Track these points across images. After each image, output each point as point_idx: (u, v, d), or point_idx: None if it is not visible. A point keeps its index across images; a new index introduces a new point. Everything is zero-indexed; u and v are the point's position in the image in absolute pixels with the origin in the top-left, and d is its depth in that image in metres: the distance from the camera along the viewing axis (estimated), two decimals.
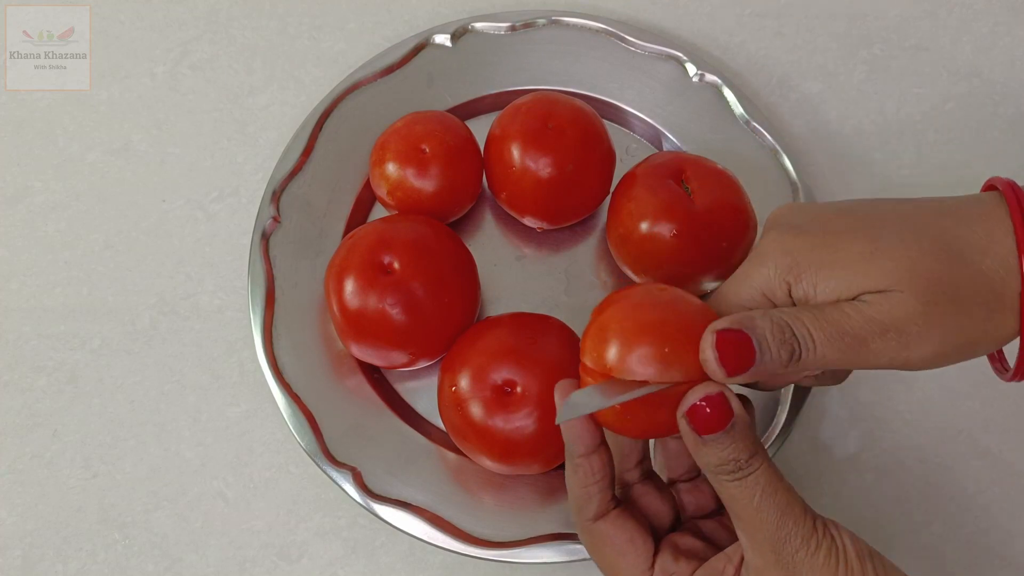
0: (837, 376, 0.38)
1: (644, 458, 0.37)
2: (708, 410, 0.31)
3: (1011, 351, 0.34)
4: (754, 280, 0.33)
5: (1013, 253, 0.31)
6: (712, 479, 0.32)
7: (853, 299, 0.31)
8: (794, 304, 0.33)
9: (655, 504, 0.36)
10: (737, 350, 0.30)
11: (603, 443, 0.34)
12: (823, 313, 0.31)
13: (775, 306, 0.33)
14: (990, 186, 0.34)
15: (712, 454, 0.31)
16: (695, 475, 0.38)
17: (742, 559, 0.33)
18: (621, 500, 0.36)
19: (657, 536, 0.35)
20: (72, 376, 0.49)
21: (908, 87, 0.57)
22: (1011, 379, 0.34)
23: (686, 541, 0.35)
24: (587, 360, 0.33)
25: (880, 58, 0.58)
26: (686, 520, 0.37)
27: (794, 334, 0.31)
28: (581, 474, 0.34)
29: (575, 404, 0.32)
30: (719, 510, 0.37)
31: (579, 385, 0.34)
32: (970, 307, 0.31)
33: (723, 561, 0.33)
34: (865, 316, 0.31)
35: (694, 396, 0.31)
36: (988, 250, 0.31)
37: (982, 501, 0.47)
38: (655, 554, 0.34)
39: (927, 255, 0.31)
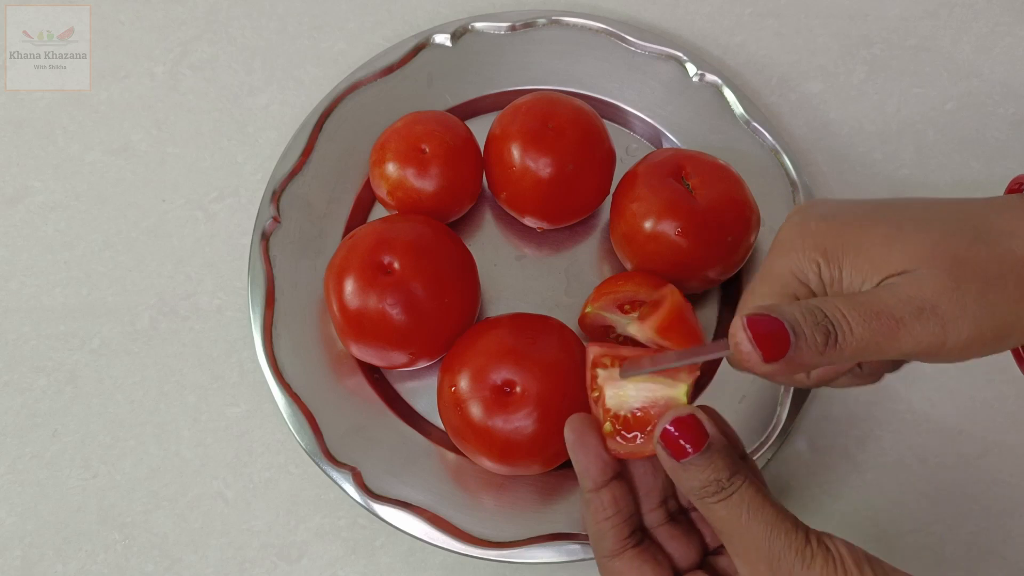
0: (874, 372, 0.37)
1: (668, 498, 0.36)
2: (681, 433, 0.31)
3: None
4: (781, 268, 0.33)
5: None
6: (698, 503, 0.32)
7: (879, 283, 0.31)
8: (824, 287, 0.33)
9: (681, 548, 0.35)
10: (771, 335, 0.29)
11: (615, 479, 0.34)
12: (855, 297, 0.31)
13: (812, 293, 0.33)
14: (1018, 185, 0.34)
15: (692, 477, 0.31)
16: None
17: None
18: (643, 538, 0.35)
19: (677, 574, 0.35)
20: (72, 376, 0.49)
21: (908, 87, 0.57)
22: None
23: None
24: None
25: (880, 58, 0.58)
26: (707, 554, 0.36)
27: (826, 316, 0.30)
28: (592, 509, 0.34)
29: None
30: None
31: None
32: (1002, 284, 0.30)
33: None
34: (898, 295, 0.30)
35: (665, 420, 0.31)
36: (1016, 233, 0.31)
37: (982, 501, 0.47)
38: None
39: (951, 236, 0.31)
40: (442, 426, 0.44)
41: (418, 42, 0.55)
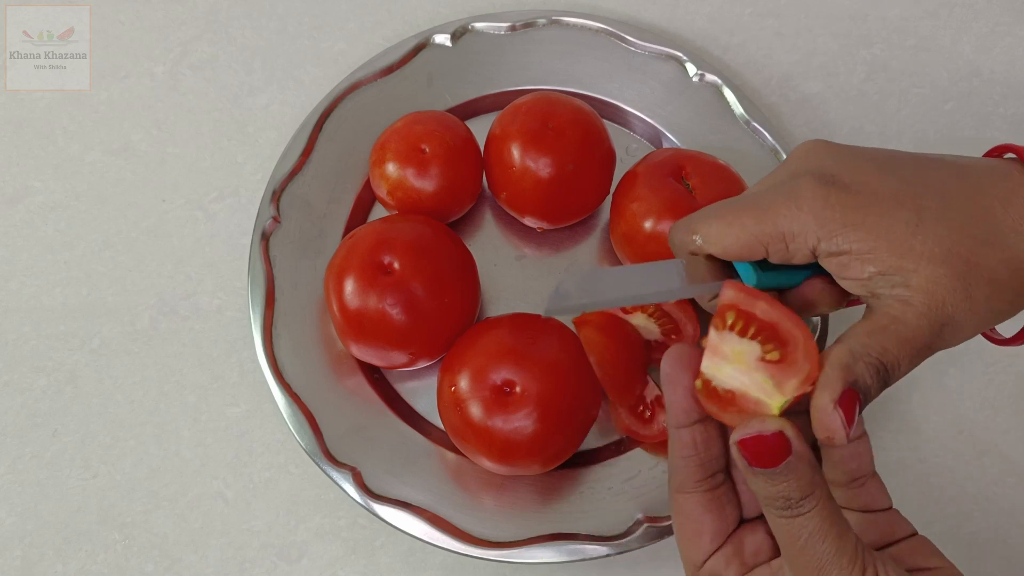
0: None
1: None
2: (764, 444, 0.29)
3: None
4: (783, 220, 0.32)
5: None
6: (762, 506, 0.31)
7: (883, 272, 0.32)
8: (815, 256, 0.33)
9: (751, 493, 0.34)
10: (850, 408, 0.30)
11: (701, 422, 0.32)
12: (897, 332, 0.31)
13: (788, 250, 0.33)
14: (1000, 150, 0.35)
15: (762, 486, 0.30)
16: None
17: None
18: (722, 482, 0.33)
19: (741, 520, 0.34)
20: (72, 376, 0.49)
21: (908, 87, 0.57)
22: (1005, 344, 0.35)
23: (756, 538, 0.33)
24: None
25: (880, 58, 0.58)
26: None
27: (887, 369, 0.31)
28: (672, 443, 0.33)
29: (563, 293, 0.32)
30: None
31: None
32: (1005, 290, 0.32)
33: (766, 574, 0.32)
34: (927, 318, 0.31)
35: (749, 429, 0.30)
36: (1021, 231, 0.32)
37: (982, 501, 0.47)
38: (716, 550, 0.33)
39: (968, 238, 0.32)
40: (442, 426, 0.44)
41: (418, 42, 0.55)
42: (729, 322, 0.31)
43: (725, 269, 0.36)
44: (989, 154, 0.36)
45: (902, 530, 0.34)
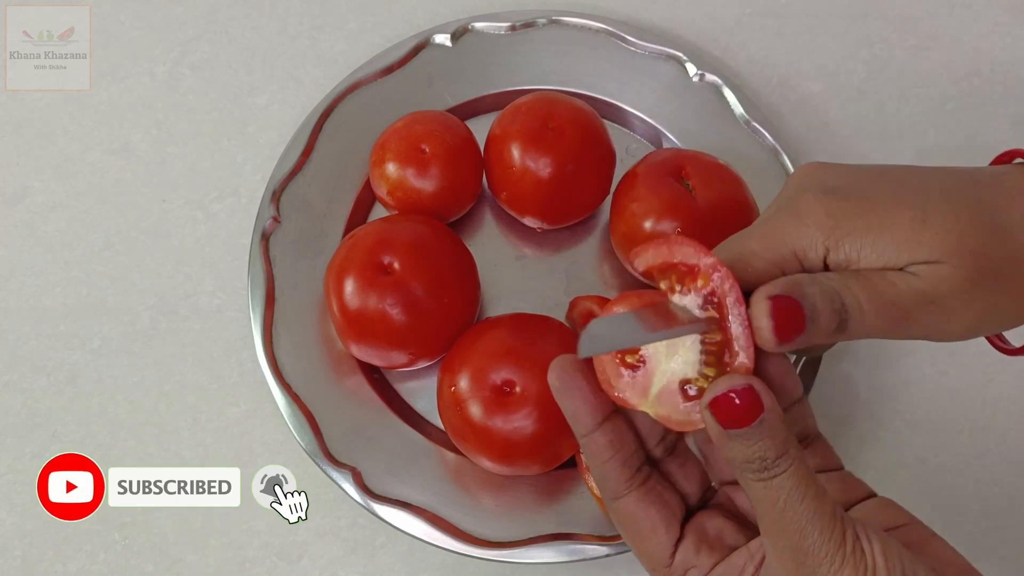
0: (826, 346, 0.36)
1: (666, 433, 0.34)
2: (736, 402, 0.29)
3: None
4: (789, 238, 0.31)
5: None
6: (737, 474, 0.30)
7: (900, 268, 0.31)
8: (827, 269, 0.32)
9: (683, 481, 0.33)
10: (789, 317, 0.29)
11: (609, 419, 0.32)
12: (871, 282, 0.30)
13: (803, 269, 0.32)
14: (1008, 156, 0.34)
15: (737, 449, 0.29)
16: None
17: (764, 559, 0.31)
18: (650, 474, 0.33)
19: (689, 511, 0.33)
20: (72, 376, 0.49)
21: (908, 87, 0.57)
22: (1014, 354, 0.35)
23: (715, 523, 0.33)
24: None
25: (880, 58, 0.58)
26: (720, 486, 0.34)
27: (844, 304, 0.30)
28: (590, 452, 0.32)
29: (595, 336, 0.29)
30: None
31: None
32: (1009, 284, 0.31)
33: (744, 558, 0.31)
34: (913, 288, 0.30)
35: (721, 386, 0.29)
36: None
37: (982, 501, 0.47)
38: (679, 541, 0.32)
39: (976, 229, 0.31)
40: (442, 426, 0.44)
41: (418, 42, 0.55)
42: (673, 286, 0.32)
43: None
44: (996, 161, 0.36)
45: (860, 491, 0.33)
